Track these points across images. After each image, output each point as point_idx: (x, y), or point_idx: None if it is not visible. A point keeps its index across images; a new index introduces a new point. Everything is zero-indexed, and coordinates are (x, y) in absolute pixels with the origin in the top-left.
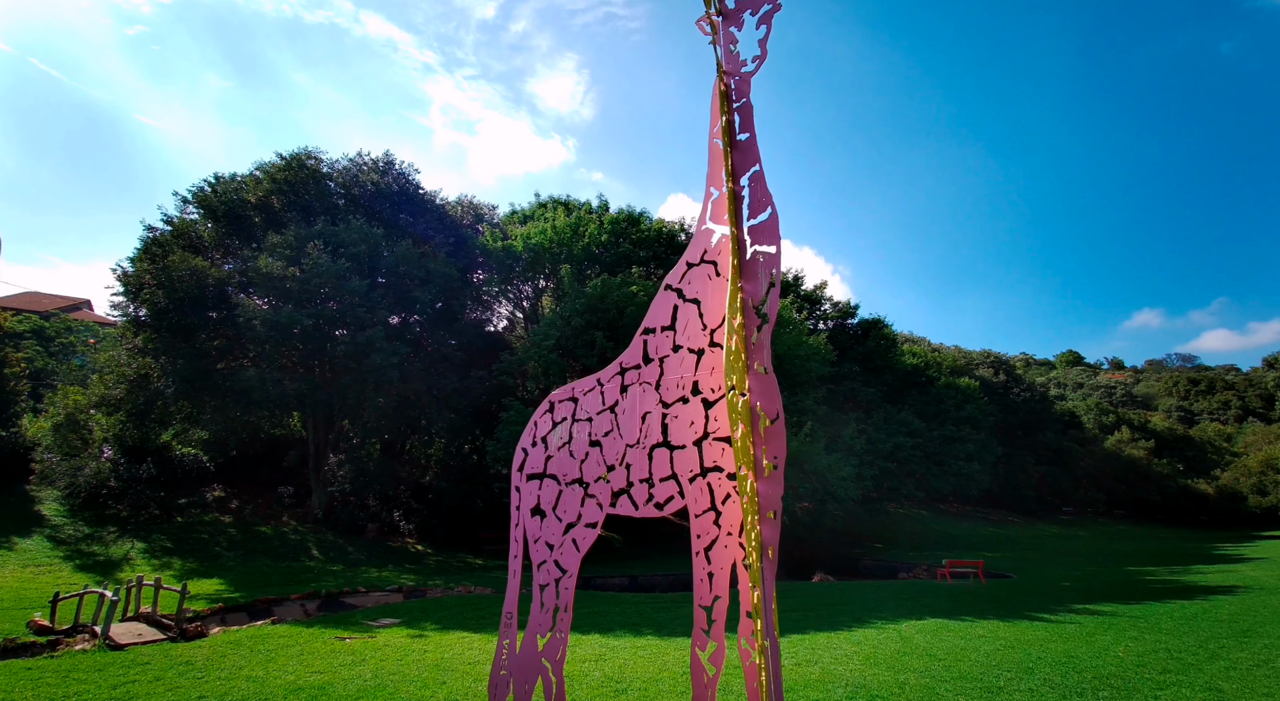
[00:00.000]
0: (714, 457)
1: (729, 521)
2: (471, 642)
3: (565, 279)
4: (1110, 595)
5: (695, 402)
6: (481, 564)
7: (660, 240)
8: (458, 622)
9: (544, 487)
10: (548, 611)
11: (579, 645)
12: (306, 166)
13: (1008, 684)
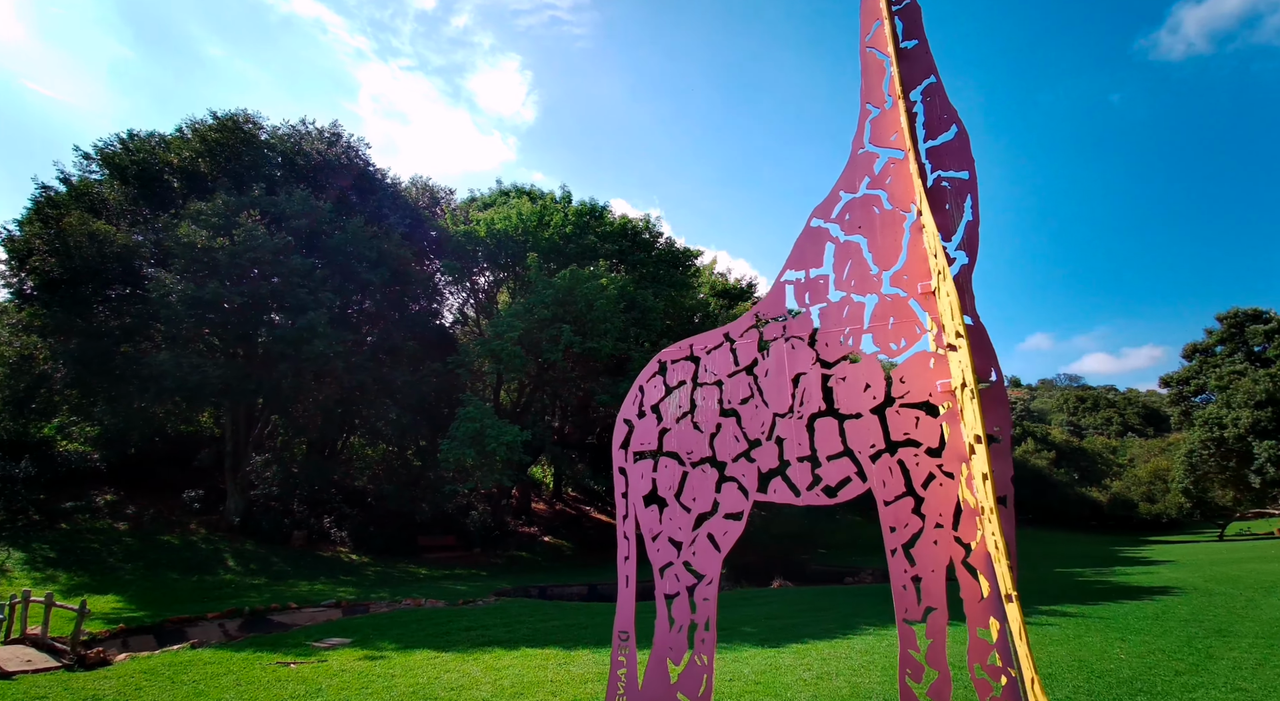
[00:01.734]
0: (904, 429)
1: (935, 509)
2: (444, 664)
3: (533, 268)
4: (1062, 596)
5: (870, 361)
6: (427, 574)
7: (625, 235)
8: (420, 640)
9: (661, 469)
10: (680, 630)
11: (571, 662)
12: (243, 130)
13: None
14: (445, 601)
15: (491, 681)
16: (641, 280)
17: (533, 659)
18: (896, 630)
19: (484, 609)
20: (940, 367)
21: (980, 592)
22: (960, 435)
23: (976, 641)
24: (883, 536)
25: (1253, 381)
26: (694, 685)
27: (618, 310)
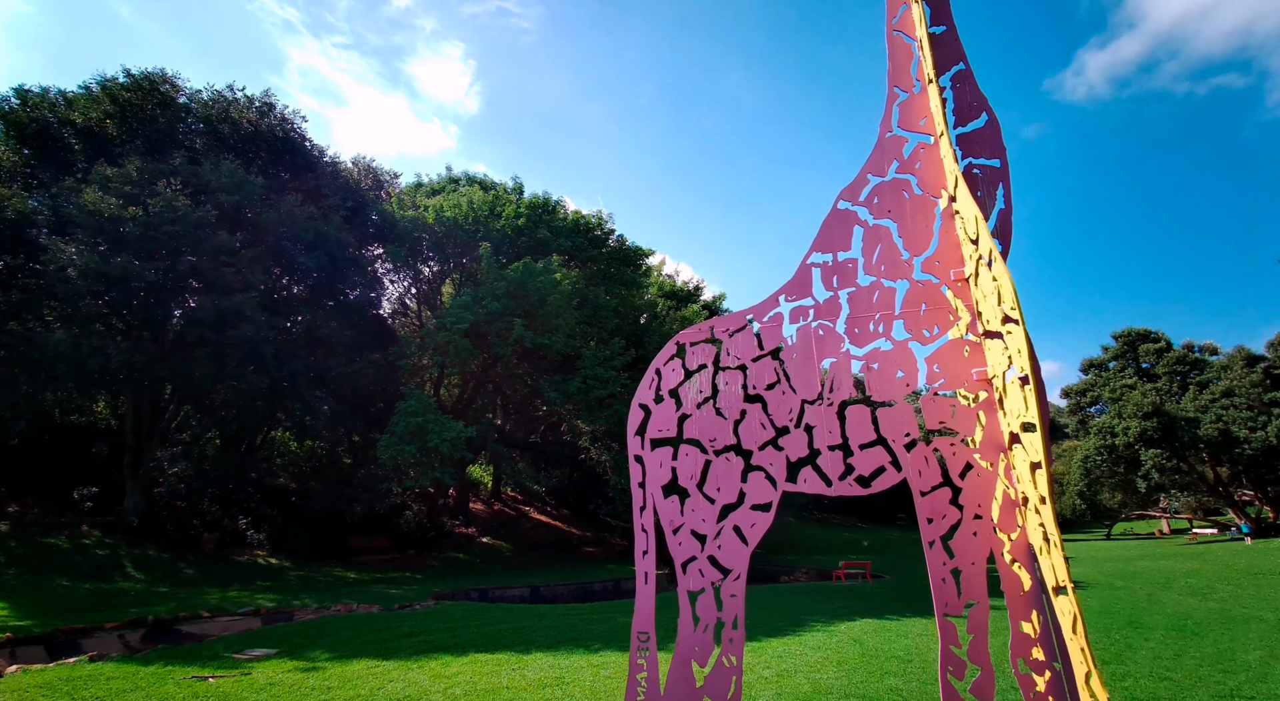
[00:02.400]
0: (940, 417)
1: (973, 500)
2: (387, 673)
3: (485, 259)
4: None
5: (901, 347)
6: (356, 578)
7: (578, 231)
8: (357, 649)
9: (681, 457)
10: (706, 629)
11: (525, 667)
12: (160, 91)
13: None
14: (380, 606)
15: (442, 690)
16: (593, 277)
17: (484, 665)
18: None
19: (424, 613)
20: (975, 356)
21: (1022, 586)
22: (998, 425)
23: (1019, 635)
24: (920, 528)
25: (1141, 395)
26: (722, 688)
27: (570, 306)
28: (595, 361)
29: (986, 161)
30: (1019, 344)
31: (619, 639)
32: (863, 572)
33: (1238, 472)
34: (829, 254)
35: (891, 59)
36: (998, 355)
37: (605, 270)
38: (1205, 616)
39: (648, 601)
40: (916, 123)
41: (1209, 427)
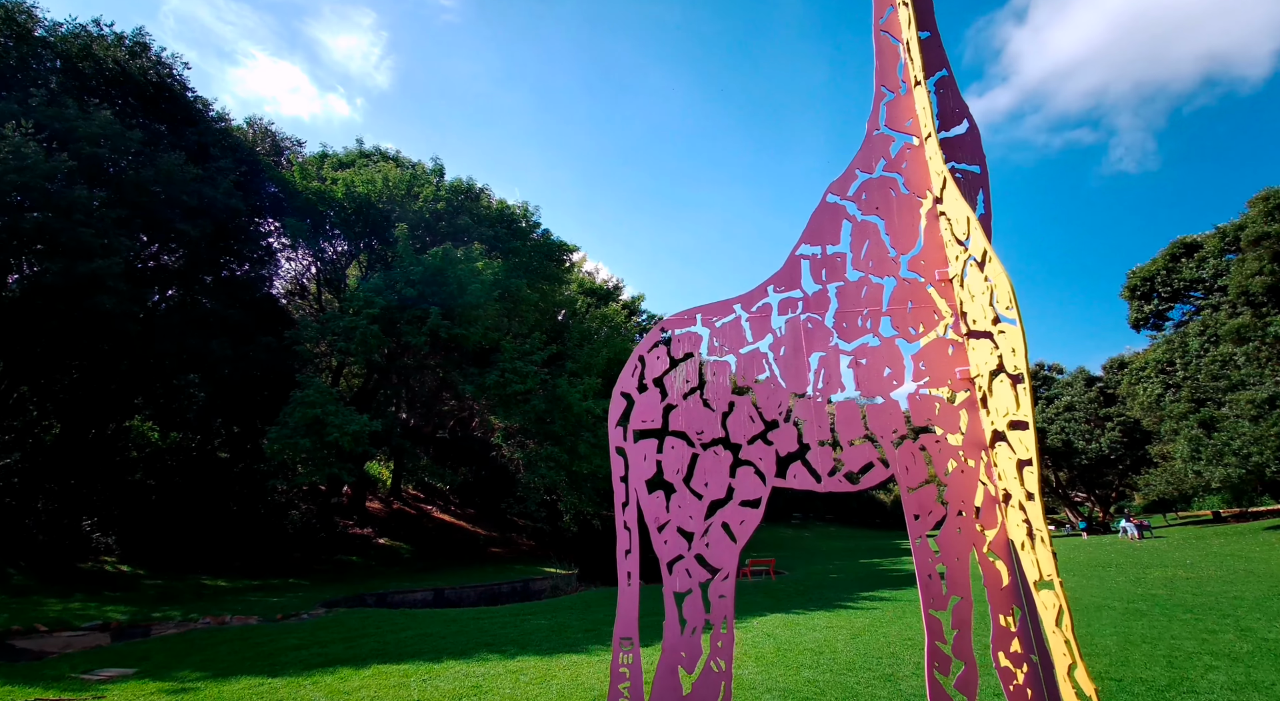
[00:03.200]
0: (926, 414)
1: (957, 496)
2: (275, 691)
3: (401, 241)
4: (875, 584)
5: (889, 344)
6: (229, 586)
7: (502, 221)
8: (235, 666)
9: (667, 450)
10: (693, 632)
11: (438, 677)
12: (16, 22)
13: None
14: (259, 617)
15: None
16: (515, 269)
17: (389, 676)
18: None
19: (314, 623)
20: (959, 355)
21: (1002, 580)
22: (979, 423)
23: (1000, 629)
24: (906, 525)
25: None
26: (710, 694)
27: (491, 298)
28: (514, 355)
29: (967, 167)
30: (1014, 342)
31: (535, 643)
32: (767, 569)
33: (1074, 477)
34: (818, 247)
35: (879, 58)
36: (982, 355)
37: (528, 263)
38: None
39: (631, 603)
40: (903, 123)
41: (1054, 437)
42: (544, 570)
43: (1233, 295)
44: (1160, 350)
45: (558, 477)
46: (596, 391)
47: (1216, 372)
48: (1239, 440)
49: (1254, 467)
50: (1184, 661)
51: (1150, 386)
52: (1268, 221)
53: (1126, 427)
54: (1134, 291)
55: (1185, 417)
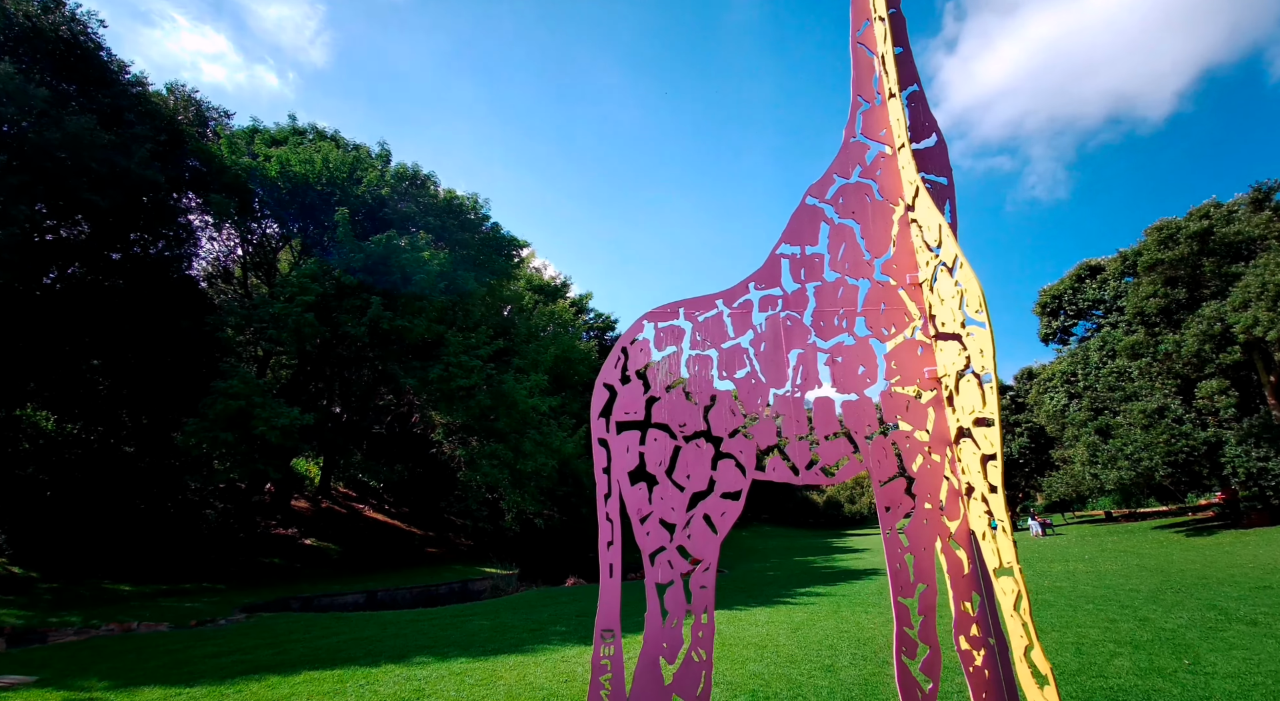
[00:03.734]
0: (896, 411)
1: (925, 489)
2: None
3: (342, 225)
4: (810, 580)
5: (863, 344)
6: (134, 590)
7: (450, 211)
8: (146, 675)
9: (650, 442)
10: (675, 623)
11: (376, 681)
12: None
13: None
14: (170, 623)
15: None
16: (463, 262)
17: (322, 683)
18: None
19: (234, 628)
20: (927, 355)
21: (963, 568)
22: (945, 421)
23: (961, 614)
24: (878, 516)
25: None
26: (691, 685)
27: (438, 289)
28: (460, 349)
29: (935, 178)
30: (982, 344)
31: (477, 644)
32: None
33: None
34: (797, 247)
35: (855, 69)
36: (950, 356)
37: (476, 256)
38: None
39: (613, 595)
40: (878, 132)
41: None
42: (483, 570)
43: (1129, 315)
44: (1065, 362)
45: (500, 476)
46: (543, 389)
47: (1113, 384)
48: (1131, 446)
49: (1144, 471)
50: (1090, 648)
51: (1056, 396)
52: (1161, 249)
53: (1033, 433)
54: (1044, 308)
55: (1085, 425)
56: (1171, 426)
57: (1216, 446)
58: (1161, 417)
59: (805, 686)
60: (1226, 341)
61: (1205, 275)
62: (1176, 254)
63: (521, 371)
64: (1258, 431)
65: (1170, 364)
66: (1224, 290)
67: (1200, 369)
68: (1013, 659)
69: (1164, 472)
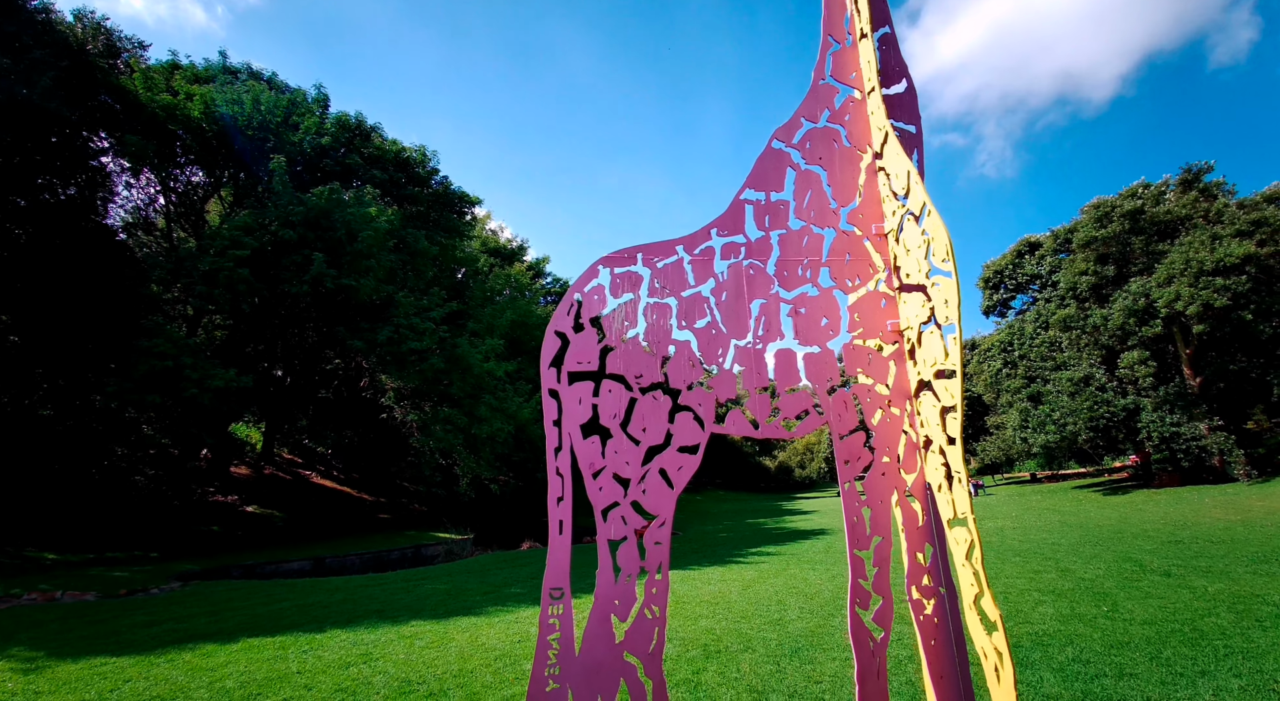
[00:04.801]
0: (859, 364)
1: (883, 443)
2: (122, 671)
3: (278, 174)
4: (761, 541)
5: (826, 295)
6: (57, 559)
7: (398, 164)
8: (72, 646)
9: (604, 394)
10: (628, 579)
11: (322, 647)
12: None
13: (798, 615)
14: (98, 592)
15: (206, 685)
16: (412, 219)
17: (262, 650)
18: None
19: (167, 597)
20: (890, 308)
21: (918, 520)
22: (905, 374)
23: (914, 565)
24: (837, 470)
25: None
26: (644, 641)
27: (385, 247)
28: (410, 310)
29: (904, 126)
30: (947, 294)
31: (429, 608)
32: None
33: None
34: (762, 193)
35: (826, 7)
36: (913, 307)
37: (426, 213)
38: None
39: (562, 553)
40: (847, 75)
41: None
42: (437, 536)
43: (1062, 290)
44: (1003, 333)
45: (455, 441)
46: (499, 353)
47: (1045, 354)
48: (1059, 412)
49: (1068, 435)
50: (1017, 597)
51: (993, 364)
52: (1096, 227)
53: (971, 401)
54: (987, 282)
55: (1019, 392)
56: (1095, 394)
57: (1134, 412)
58: (1087, 385)
59: (755, 639)
60: (1149, 315)
61: (1135, 252)
62: (1109, 232)
63: (476, 335)
64: (1172, 399)
65: (1097, 336)
66: (1150, 267)
67: (1124, 341)
68: (962, 607)
69: (1086, 436)
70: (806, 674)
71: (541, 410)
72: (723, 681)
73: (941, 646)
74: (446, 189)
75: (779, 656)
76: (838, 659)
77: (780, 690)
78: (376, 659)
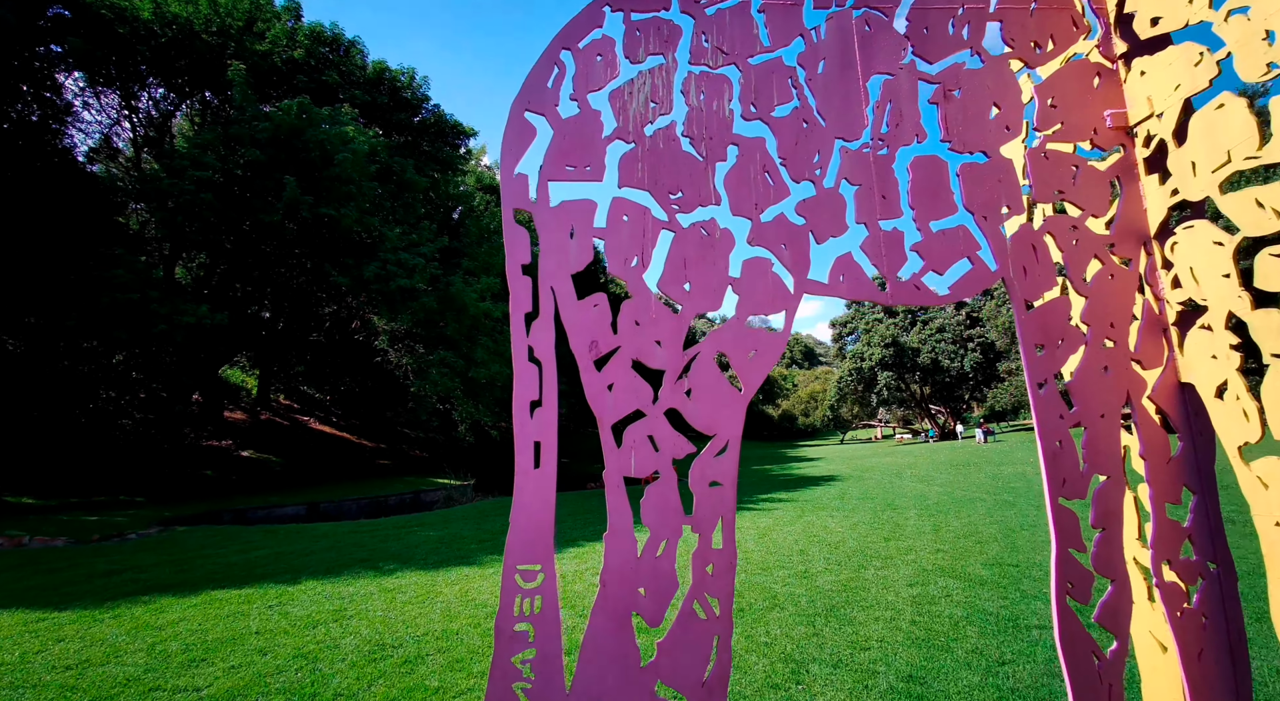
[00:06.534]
0: (1055, 183)
1: (1104, 315)
2: (58, 629)
3: (238, 85)
4: (775, 487)
5: (998, 65)
6: (37, 503)
7: (381, 87)
8: (14, 598)
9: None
10: (660, 553)
11: (291, 601)
12: None
13: (825, 566)
14: (70, 538)
15: (146, 647)
16: (400, 150)
17: (224, 604)
18: (1051, 517)
19: (139, 543)
20: (1109, 87)
21: (1169, 449)
22: (1138, 200)
23: (1164, 525)
24: (1024, 362)
25: (885, 328)
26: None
27: (368, 173)
28: (399, 245)
29: None
30: (1257, 32)
31: (419, 557)
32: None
33: (936, 391)
34: None
35: None
36: (1164, 78)
37: (416, 143)
38: (939, 498)
39: (539, 502)
40: None
41: (925, 356)
42: (436, 481)
43: None
44: None
45: (452, 385)
46: (495, 292)
47: None
48: None
49: None
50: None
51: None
52: None
53: (984, 347)
54: None
55: None
56: None
57: None
58: None
59: (782, 596)
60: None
61: None
62: None
63: (471, 274)
64: None
65: None
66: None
67: None
68: (1267, 592)
69: None
70: (848, 638)
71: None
72: (750, 646)
73: (1212, 661)
74: (439, 118)
75: (812, 615)
76: (880, 619)
77: (822, 658)
78: (350, 616)
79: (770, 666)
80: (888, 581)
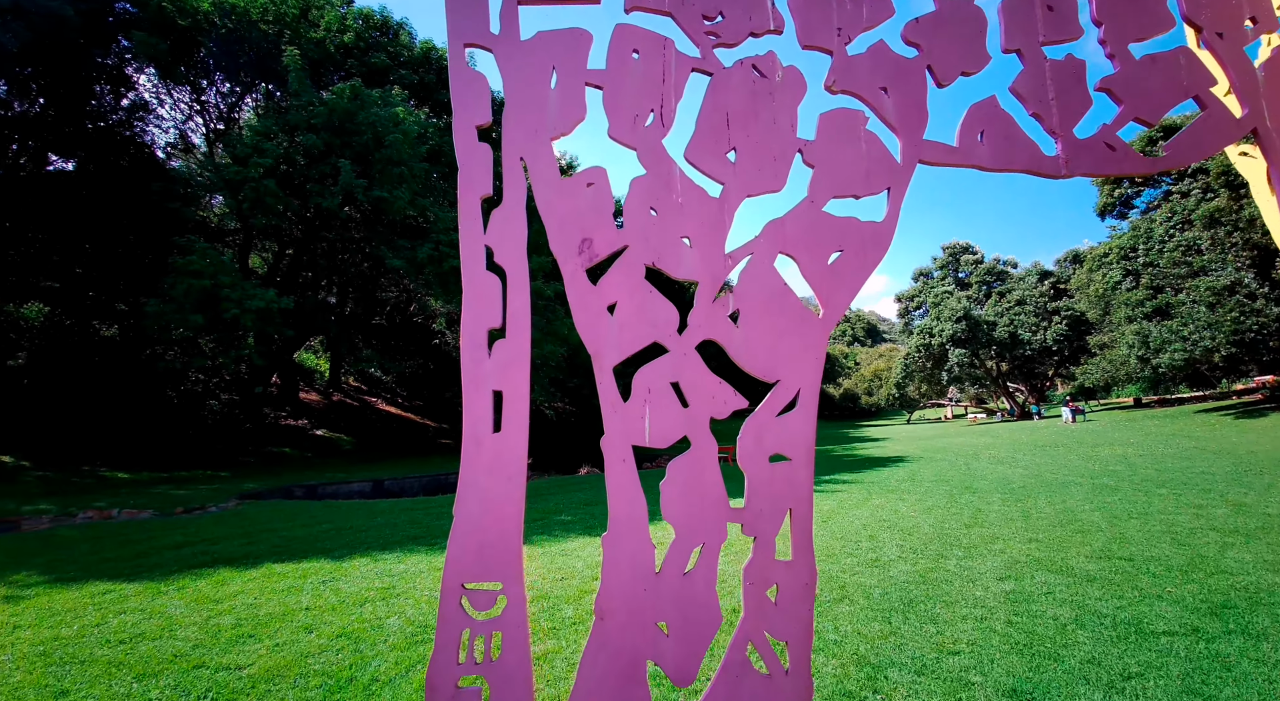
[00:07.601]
0: None
1: None
2: (121, 601)
3: (293, 71)
4: (838, 468)
5: None
6: (130, 478)
7: (431, 67)
8: (90, 569)
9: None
10: (689, 564)
11: (342, 577)
12: None
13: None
14: (155, 511)
15: (201, 621)
16: (449, 129)
17: (280, 579)
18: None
19: (213, 517)
20: None
21: None
22: None
23: None
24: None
25: (956, 301)
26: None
27: (418, 154)
28: (452, 226)
29: None
30: None
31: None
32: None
33: (1015, 368)
34: None
35: None
36: None
37: None
38: (1023, 481)
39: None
40: None
41: (1002, 330)
42: None
43: (1213, 175)
44: (1125, 237)
45: None
46: (547, 272)
47: (1179, 258)
48: (1192, 326)
49: (1202, 353)
50: (1188, 537)
51: (1109, 274)
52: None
53: (1072, 320)
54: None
55: (1141, 305)
56: (1242, 302)
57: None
58: (1232, 294)
59: (851, 587)
60: None
61: None
62: None
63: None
64: None
65: (1250, 234)
66: None
67: None
68: None
69: (1225, 353)
70: (932, 639)
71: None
72: (819, 644)
73: None
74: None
75: (887, 611)
76: (969, 618)
77: (902, 662)
78: (398, 594)
79: (842, 669)
80: (973, 573)
